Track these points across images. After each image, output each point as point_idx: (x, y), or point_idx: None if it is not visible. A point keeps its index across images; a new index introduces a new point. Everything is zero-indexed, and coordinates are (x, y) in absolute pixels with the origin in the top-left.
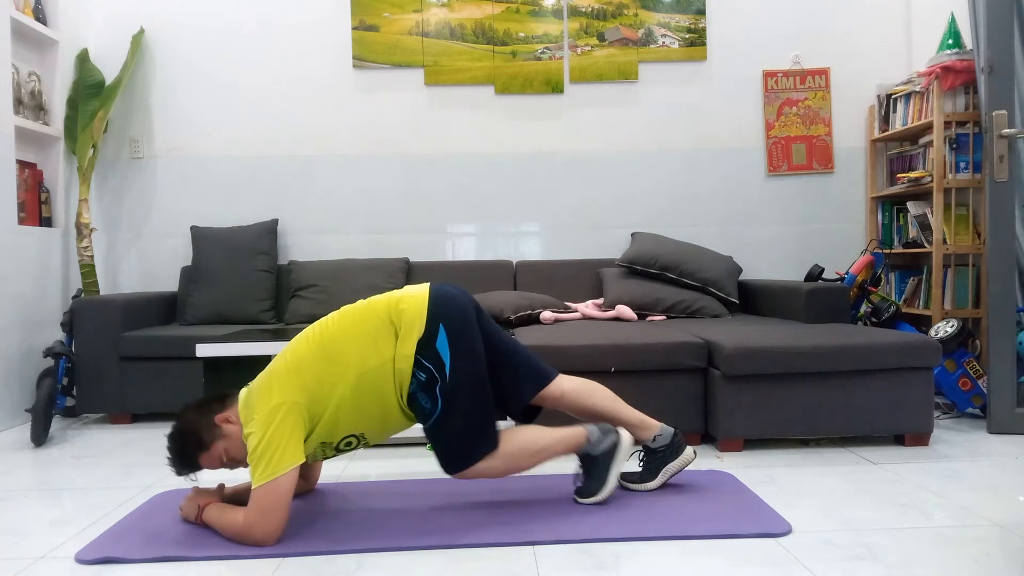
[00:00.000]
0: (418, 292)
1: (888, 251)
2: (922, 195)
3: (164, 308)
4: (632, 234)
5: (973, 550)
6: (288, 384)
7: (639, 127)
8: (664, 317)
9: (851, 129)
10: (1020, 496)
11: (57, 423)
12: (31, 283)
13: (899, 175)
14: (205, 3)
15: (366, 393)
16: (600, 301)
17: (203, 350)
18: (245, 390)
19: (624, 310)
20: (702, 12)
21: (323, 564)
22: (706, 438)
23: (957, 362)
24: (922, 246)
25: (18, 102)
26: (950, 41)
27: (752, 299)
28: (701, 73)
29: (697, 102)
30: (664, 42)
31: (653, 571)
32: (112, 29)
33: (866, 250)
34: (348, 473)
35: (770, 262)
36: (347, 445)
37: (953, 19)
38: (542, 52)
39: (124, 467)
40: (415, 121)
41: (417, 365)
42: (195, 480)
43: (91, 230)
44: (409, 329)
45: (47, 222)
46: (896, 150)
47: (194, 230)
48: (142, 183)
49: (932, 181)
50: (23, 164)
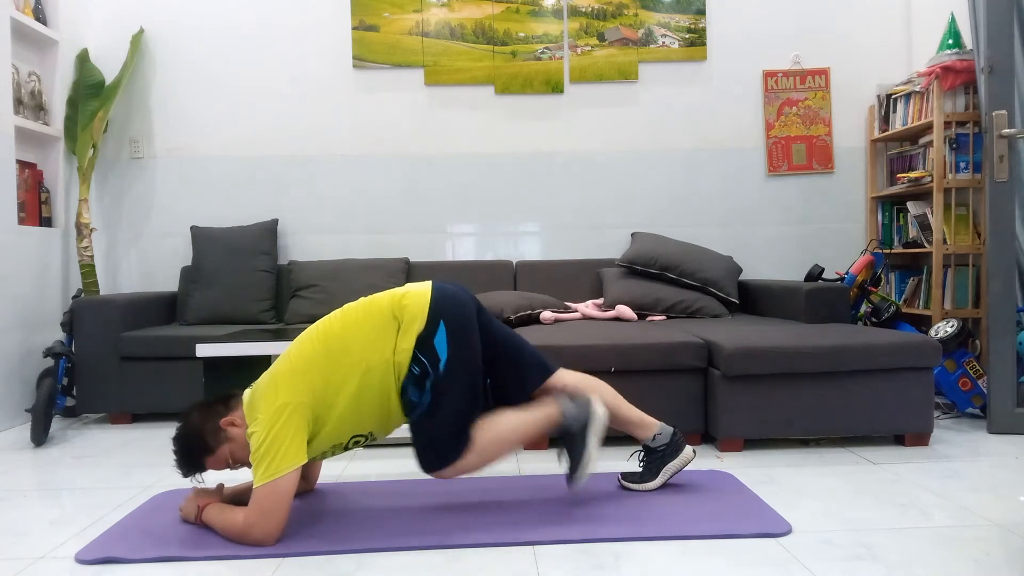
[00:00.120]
0: (421, 288)
1: (888, 251)
2: (922, 195)
3: (164, 308)
4: (632, 234)
5: (973, 550)
6: (294, 384)
7: (639, 127)
8: (664, 317)
9: (851, 129)
10: (1020, 496)
11: (57, 423)
12: (31, 283)
13: (899, 175)
14: (205, 3)
15: (371, 390)
16: (600, 301)
17: (203, 350)
18: (249, 391)
19: (624, 310)
20: (702, 12)
21: (323, 564)
22: (706, 438)
23: (957, 362)
24: (922, 246)
25: (18, 102)
26: (950, 41)
27: (752, 299)
28: (701, 73)
29: (697, 102)
30: (664, 42)
31: (653, 571)
32: (112, 29)
33: (866, 250)
34: (348, 473)
35: (770, 262)
36: (355, 443)
37: (953, 19)
38: (542, 52)
39: (124, 467)
40: (415, 121)
41: (414, 359)
42: (201, 481)
43: (91, 230)
44: (410, 323)
45: (47, 222)
46: (896, 150)
47: (194, 230)
48: (142, 183)
49: (932, 181)
50: (23, 164)
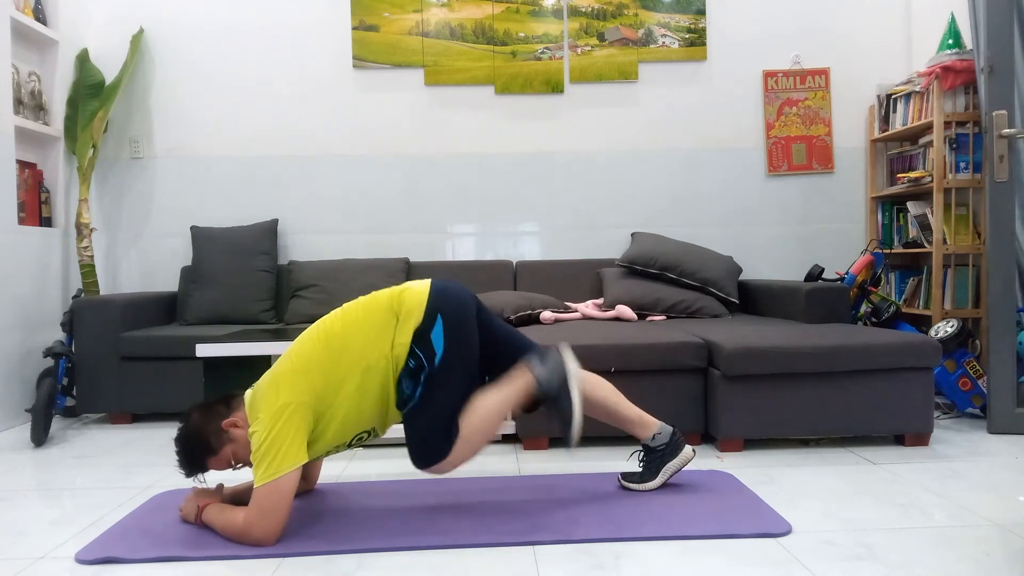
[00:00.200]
0: (420, 285)
1: (888, 251)
2: (922, 195)
3: (164, 308)
4: (632, 234)
5: (973, 550)
6: (295, 384)
7: (639, 127)
8: (664, 317)
9: (851, 129)
10: (1020, 496)
11: (57, 423)
12: (31, 283)
13: (899, 175)
14: (205, 3)
15: (372, 387)
16: (600, 301)
17: (203, 350)
18: (250, 391)
19: (624, 310)
20: (702, 12)
21: (323, 564)
22: (706, 438)
23: (957, 362)
24: (922, 246)
25: (18, 102)
26: (950, 41)
27: (752, 299)
28: (701, 73)
29: (697, 102)
30: (664, 42)
31: (653, 571)
32: (112, 29)
33: (866, 250)
34: (348, 473)
35: (770, 262)
36: (359, 440)
37: (953, 19)
38: (542, 52)
39: (124, 467)
40: (415, 121)
41: (410, 353)
42: (203, 482)
43: (91, 230)
44: (407, 317)
45: (47, 222)
46: (896, 150)
47: (194, 230)
48: (142, 183)
49: (932, 181)
50: (23, 164)
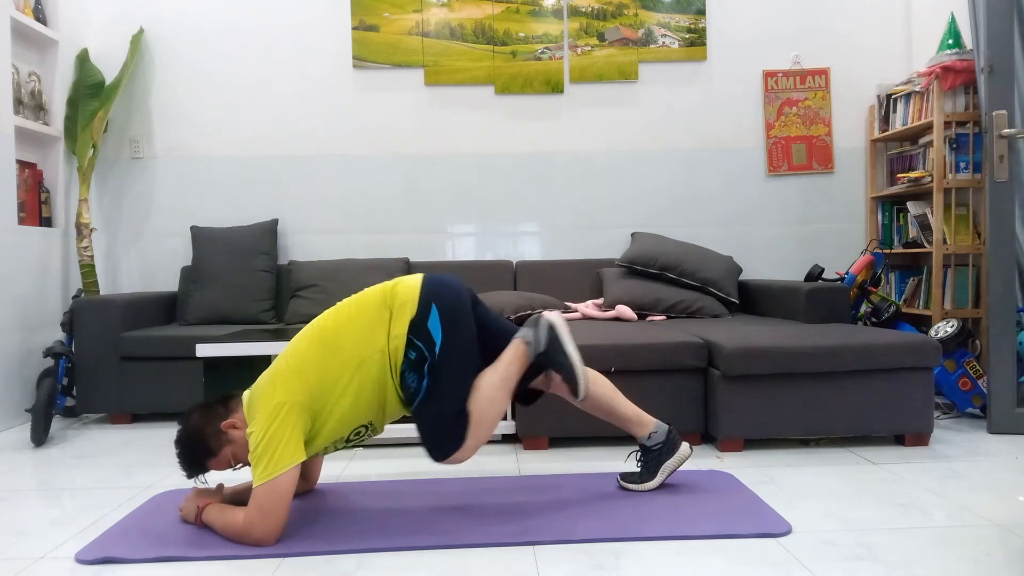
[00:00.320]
0: (413, 278)
1: (888, 251)
2: (922, 195)
3: (164, 308)
4: (632, 234)
5: (973, 550)
6: (291, 383)
7: (639, 127)
8: (664, 317)
9: (851, 129)
10: (1020, 496)
11: (57, 423)
12: (31, 283)
13: (899, 175)
14: (205, 3)
15: (368, 382)
16: (600, 301)
17: (203, 350)
18: (248, 392)
19: (624, 310)
20: (702, 12)
21: (323, 564)
22: (706, 438)
23: (957, 362)
24: (922, 246)
25: (18, 102)
26: (950, 41)
27: (752, 299)
28: (701, 73)
29: (697, 102)
30: (664, 42)
31: (653, 571)
32: (112, 29)
33: (866, 250)
34: (348, 473)
35: (770, 262)
36: (356, 435)
37: (953, 19)
38: (542, 52)
39: (124, 467)
40: (415, 121)
41: (409, 344)
42: (205, 482)
43: (91, 230)
44: (401, 309)
45: (47, 222)
46: (896, 150)
47: (194, 230)
48: (142, 183)
49: (932, 181)
50: (23, 164)
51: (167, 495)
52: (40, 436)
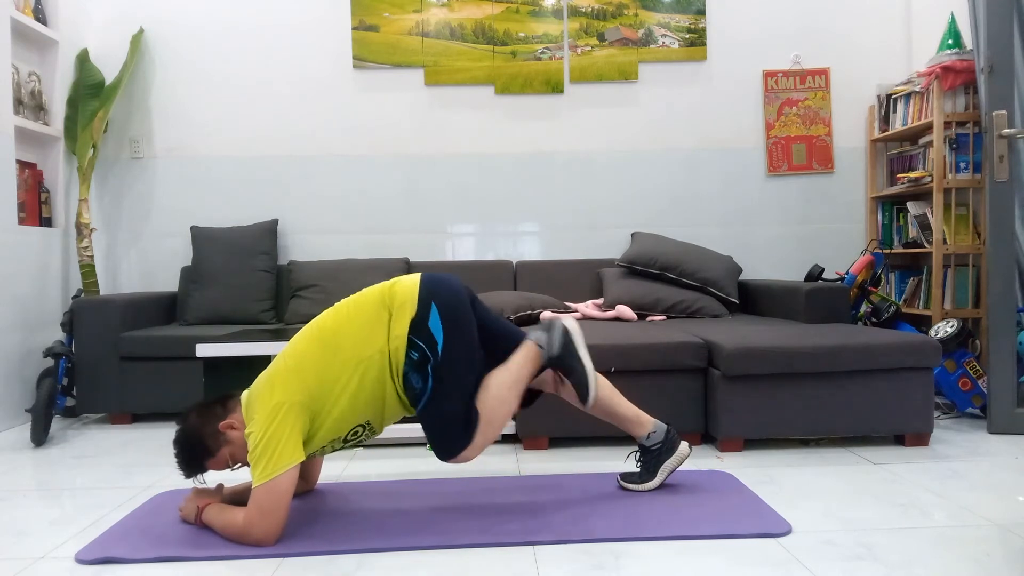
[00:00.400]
0: (411, 277)
1: (888, 251)
2: (922, 195)
3: (164, 308)
4: (632, 234)
5: (973, 550)
6: (289, 383)
7: (639, 127)
8: (664, 317)
9: (851, 129)
10: (1020, 496)
11: (57, 423)
12: (31, 283)
13: (899, 175)
14: (205, 3)
15: (367, 382)
16: (600, 301)
17: (203, 350)
18: (247, 392)
19: (624, 310)
20: (702, 12)
21: (323, 564)
22: (706, 438)
23: (957, 362)
24: (922, 246)
25: (18, 102)
26: (950, 41)
27: (752, 299)
28: (701, 73)
29: (697, 102)
30: (664, 42)
31: (653, 571)
32: (112, 29)
33: (866, 250)
34: (348, 473)
35: (770, 262)
36: (354, 435)
37: (953, 19)
38: (542, 52)
39: (124, 467)
40: (415, 121)
41: (410, 345)
42: (203, 482)
43: (91, 230)
44: (400, 309)
45: (47, 222)
46: (896, 150)
47: (194, 230)
48: (142, 183)
49: (932, 181)
50: (23, 164)
51: (167, 495)
52: (40, 436)
